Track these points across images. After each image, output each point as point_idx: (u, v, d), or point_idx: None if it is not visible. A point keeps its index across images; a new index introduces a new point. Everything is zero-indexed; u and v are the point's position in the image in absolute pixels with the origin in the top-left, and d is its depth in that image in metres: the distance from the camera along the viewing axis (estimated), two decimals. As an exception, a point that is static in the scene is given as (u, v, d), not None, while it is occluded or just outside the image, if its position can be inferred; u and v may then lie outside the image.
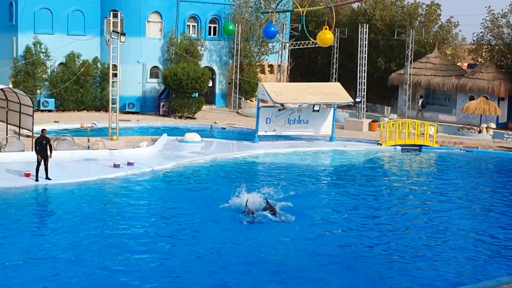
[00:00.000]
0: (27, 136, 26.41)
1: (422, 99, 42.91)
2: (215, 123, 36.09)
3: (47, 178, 20.99)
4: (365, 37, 38.16)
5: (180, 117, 38.15)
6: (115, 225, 17.24)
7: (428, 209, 20.63)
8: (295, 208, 19.35)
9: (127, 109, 38.29)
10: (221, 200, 19.59)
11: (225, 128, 35.37)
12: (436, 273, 14.73)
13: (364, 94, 37.76)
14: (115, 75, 29.88)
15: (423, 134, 32.05)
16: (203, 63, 41.35)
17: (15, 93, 25.47)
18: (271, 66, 46.04)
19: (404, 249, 16.40)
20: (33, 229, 16.78)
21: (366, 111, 39.11)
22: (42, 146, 20.85)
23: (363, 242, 16.72)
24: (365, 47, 38.14)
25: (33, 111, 25.41)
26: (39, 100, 37.15)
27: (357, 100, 35.56)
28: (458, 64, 48.74)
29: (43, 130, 21.42)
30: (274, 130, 31.69)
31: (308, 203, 20.34)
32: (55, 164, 22.27)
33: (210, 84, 40.82)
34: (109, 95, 30.20)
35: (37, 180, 20.86)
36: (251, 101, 43.56)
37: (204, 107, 39.92)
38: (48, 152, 20.97)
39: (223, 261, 14.80)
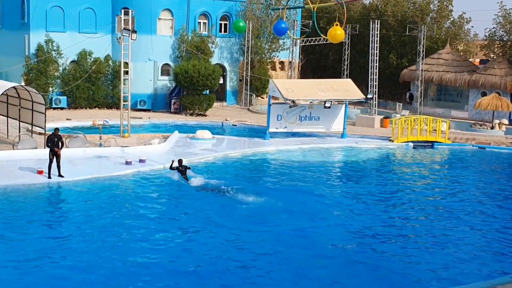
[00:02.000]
0: (40, 133, 26.56)
1: (409, 92, 43.70)
2: (226, 120, 36.09)
3: (59, 175, 21.10)
4: (377, 33, 37.98)
5: (191, 114, 38.19)
6: (127, 221, 17.33)
7: (439, 206, 20.55)
8: (307, 203, 19.41)
9: (139, 107, 38.39)
10: (229, 199, 19.75)
11: (236, 125, 35.37)
12: (447, 269, 14.71)
13: (375, 91, 37.59)
14: (126, 72, 29.97)
15: (435, 130, 31.91)
16: (214, 60, 41.35)
17: (28, 91, 25.64)
18: (282, 63, 45.95)
19: (413, 245, 16.39)
20: (46, 226, 16.92)
21: (378, 107, 38.95)
22: (54, 143, 20.95)
23: (373, 237, 16.72)
24: (376, 43, 37.97)
25: (45, 108, 25.58)
26: (51, 97, 37.32)
27: (369, 96, 35.41)
28: (470, 60, 48.45)
29: (56, 129, 21.51)
30: (285, 127, 31.64)
31: (317, 199, 20.36)
32: (67, 161, 22.40)
33: (221, 81, 40.78)
34: (120, 92, 30.28)
35: (49, 177, 20.97)
36: (262, 98, 43.52)
37: (215, 104, 39.92)
38: (59, 147, 21.00)
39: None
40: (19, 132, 26.82)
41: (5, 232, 16.02)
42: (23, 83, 34.97)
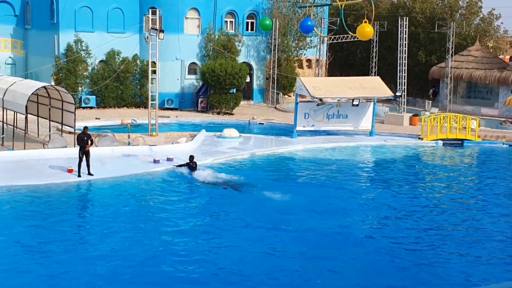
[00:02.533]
0: (69, 132, 26.85)
1: (433, 89, 43.72)
2: (253, 118, 36.08)
3: (89, 173, 21.32)
4: (405, 30, 37.60)
5: (218, 113, 38.26)
6: (154, 218, 17.50)
7: (468, 204, 20.27)
8: (335, 202, 19.32)
9: (166, 106, 38.58)
10: (257, 197, 19.74)
11: (263, 123, 35.32)
12: (476, 269, 14.54)
13: (404, 88, 37.24)
14: (154, 72, 30.14)
15: (465, 128, 31.50)
16: (241, 58, 41.35)
17: (57, 90, 25.97)
18: (309, 60, 45.77)
19: (442, 243, 16.25)
20: (77, 223, 17.13)
21: (407, 105, 38.56)
22: (84, 142, 21.17)
23: (402, 236, 16.57)
24: (405, 40, 37.59)
25: (75, 108, 25.87)
26: (81, 97, 37.71)
27: (397, 94, 35.06)
28: (500, 56, 47.69)
29: (85, 128, 21.75)
30: (313, 125, 31.49)
31: (345, 197, 20.25)
32: (96, 160, 22.60)
33: (248, 79, 40.78)
34: (148, 91, 30.47)
35: (79, 175, 21.19)
36: (289, 96, 43.41)
37: (241, 102, 39.93)
38: (88, 143, 21.22)
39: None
40: (50, 131, 27.16)
41: (36, 230, 16.25)
42: (53, 83, 35.41)
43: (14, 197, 18.91)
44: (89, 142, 21.24)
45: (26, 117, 26.70)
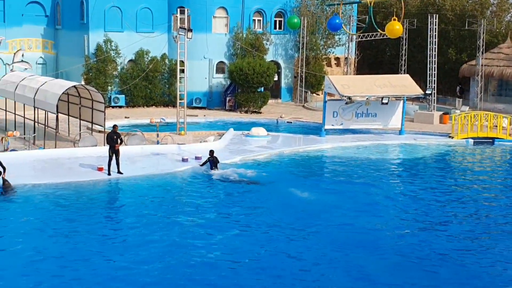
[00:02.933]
0: (99, 131, 27.13)
1: (459, 86, 43.06)
2: (281, 117, 36.01)
3: (118, 172, 21.51)
4: (435, 28, 37.16)
5: (246, 112, 38.28)
6: (183, 217, 17.56)
7: (500, 206, 19.97)
8: (364, 200, 19.21)
9: (194, 104, 38.72)
10: (284, 195, 19.69)
11: (291, 122, 35.23)
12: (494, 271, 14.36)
13: (434, 86, 36.82)
14: (182, 71, 30.28)
15: (496, 126, 31.04)
16: (269, 57, 41.28)
17: (87, 89, 26.28)
18: (337, 59, 45.50)
19: (473, 243, 16.06)
20: (107, 220, 17.36)
21: (437, 103, 38.11)
22: (113, 141, 21.37)
23: (431, 236, 16.39)
24: (435, 38, 37.15)
25: (105, 107, 26.13)
26: (110, 96, 38.06)
27: (427, 92, 34.67)
28: (533, 53, 46.80)
29: (114, 126, 21.97)
30: (341, 124, 31.31)
31: (374, 196, 20.10)
32: (126, 158, 22.80)
33: (276, 78, 40.72)
34: (177, 90, 30.64)
35: (109, 174, 21.41)
36: (317, 94, 43.23)
37: (269, 101, 39.88)
38: (118, 142, 21.45)
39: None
40: (80, 130, 27.48)
41: (65, 224, 16.50)
42: (83, 82, 35.79)
43: (46, 194, 19.22)
44: (119, 141, 21.47)
45: (57, 116, 27.09)
